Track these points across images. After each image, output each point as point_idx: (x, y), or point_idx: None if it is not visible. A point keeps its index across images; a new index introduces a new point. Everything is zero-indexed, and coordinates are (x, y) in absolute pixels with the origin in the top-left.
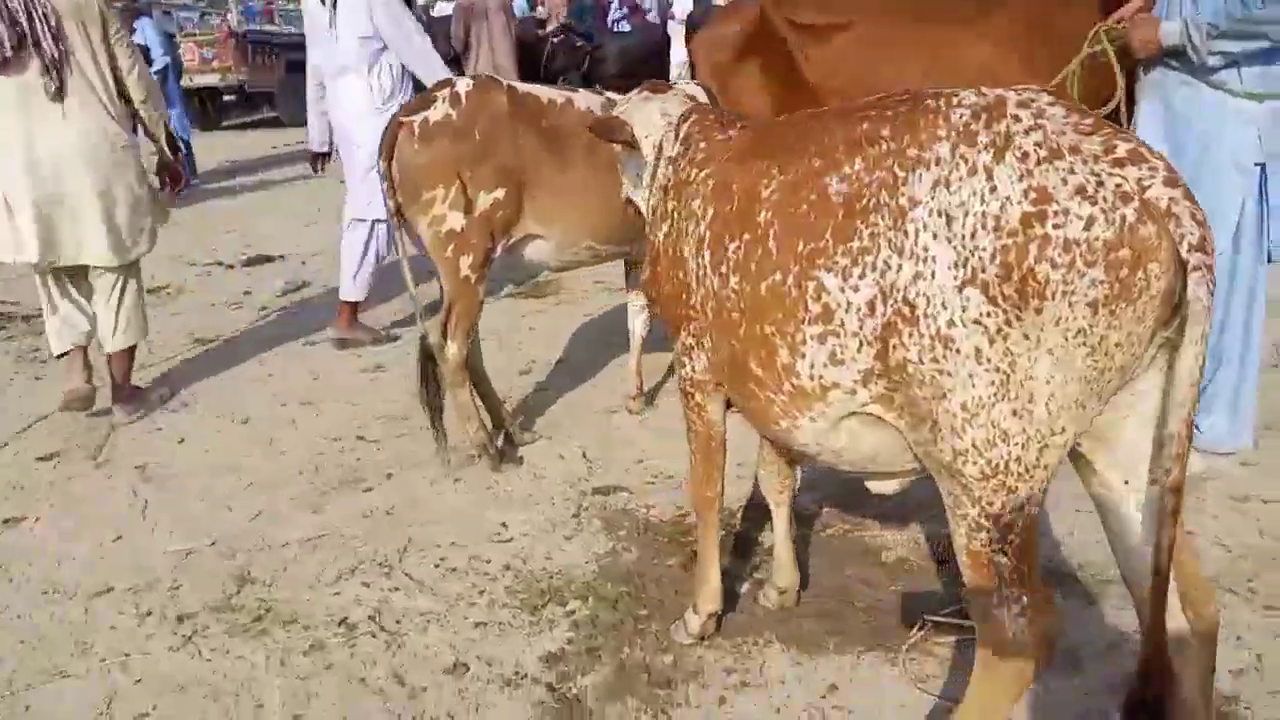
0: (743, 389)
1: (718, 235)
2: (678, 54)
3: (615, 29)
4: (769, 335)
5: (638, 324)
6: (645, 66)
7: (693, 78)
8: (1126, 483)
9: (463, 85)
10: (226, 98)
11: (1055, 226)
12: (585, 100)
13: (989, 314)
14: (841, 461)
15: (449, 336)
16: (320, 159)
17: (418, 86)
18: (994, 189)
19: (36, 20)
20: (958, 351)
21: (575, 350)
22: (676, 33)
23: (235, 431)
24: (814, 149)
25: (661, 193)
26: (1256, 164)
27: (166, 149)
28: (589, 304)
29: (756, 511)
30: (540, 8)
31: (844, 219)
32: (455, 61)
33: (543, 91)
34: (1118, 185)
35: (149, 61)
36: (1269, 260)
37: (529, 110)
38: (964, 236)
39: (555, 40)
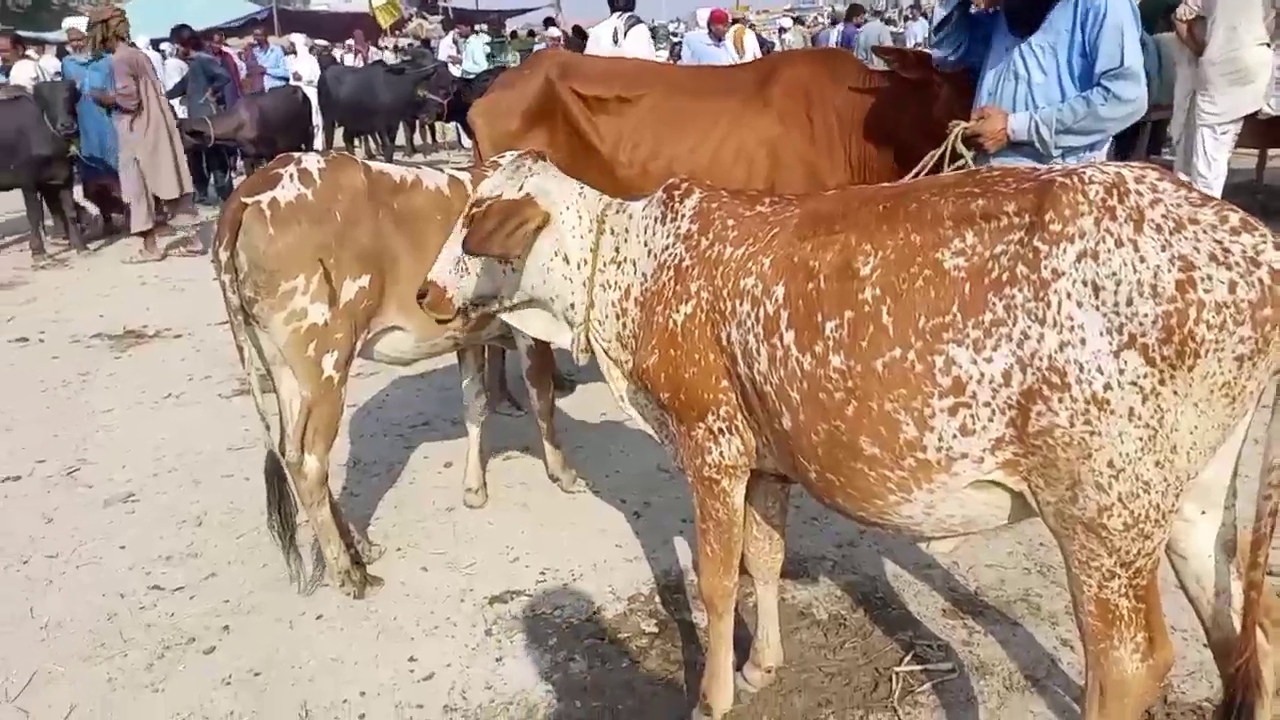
0: (843, 469)
1: (804, 315)
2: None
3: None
4: (890, 412)
5: (475, 409)
6: (287, 134)
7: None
8: (1203, 513)
9: (311, 161)
10: None
11: (1205, 291)
12: (433, 178)
13: (1146, 375)
14: (938, 529)
15: (306, 449)
16: None
17: None
18: (1143, 259)
19: None
20: (1112, 412)
21: (370, 449)
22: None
23: None
24: (910, 225)
25: (667, 271)
26: None
27: None
28: (355, 393)
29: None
30: None
31: (972, 292)
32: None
33: (394, 170)
34: (1242, 251)
35: None
36: None
37: (385, 189)
38: (1117, 304)
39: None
